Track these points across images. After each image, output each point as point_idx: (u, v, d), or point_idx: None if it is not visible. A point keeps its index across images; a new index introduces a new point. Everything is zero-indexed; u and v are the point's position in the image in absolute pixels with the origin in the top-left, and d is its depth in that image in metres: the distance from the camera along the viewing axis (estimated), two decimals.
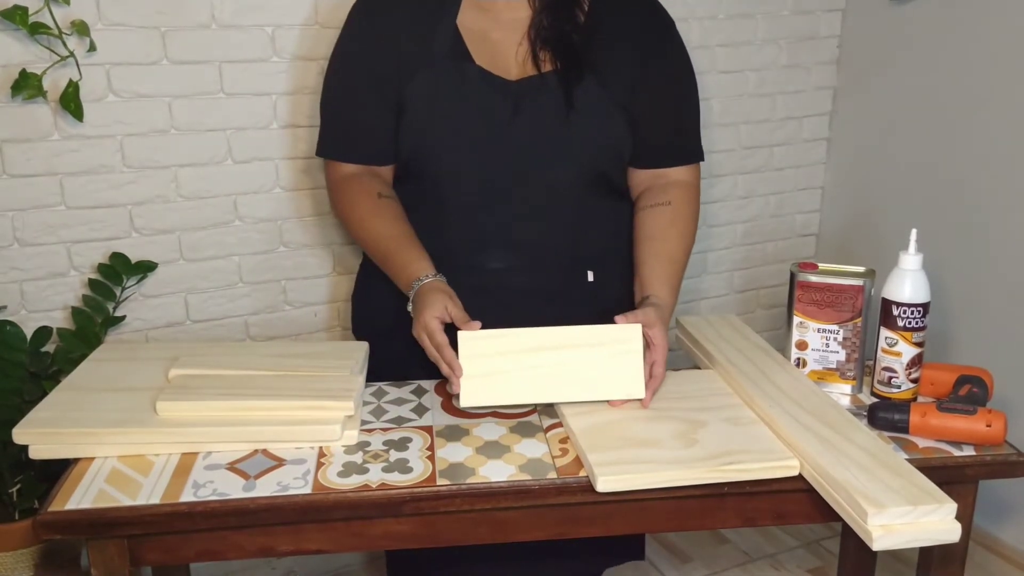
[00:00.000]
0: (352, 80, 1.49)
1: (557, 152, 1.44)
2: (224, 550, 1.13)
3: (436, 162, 1.44)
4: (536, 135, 1.43)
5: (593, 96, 1.44)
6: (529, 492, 1.12)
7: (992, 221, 1.94)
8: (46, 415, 1.18)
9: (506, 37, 1.46)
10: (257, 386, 1.23)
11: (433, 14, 1.45)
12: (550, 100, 1.43)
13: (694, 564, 2.05)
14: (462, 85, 1.43)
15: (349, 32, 1.51)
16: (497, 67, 1.44)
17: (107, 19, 1.62)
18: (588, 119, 1.44)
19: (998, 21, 1.87)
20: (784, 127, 2.27)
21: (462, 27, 1.46)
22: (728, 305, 2.34)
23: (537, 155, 1.43)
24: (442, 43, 1.44)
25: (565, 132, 1.43)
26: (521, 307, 1.44)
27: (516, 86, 1.43)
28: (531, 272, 1.46)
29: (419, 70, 1.43)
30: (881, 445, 1.16)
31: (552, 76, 1.43)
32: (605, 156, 1.48)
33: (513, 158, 1.43)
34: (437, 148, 1.44)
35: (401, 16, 1.46)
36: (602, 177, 1.49)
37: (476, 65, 1.44)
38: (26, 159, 1.63)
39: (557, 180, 1.45)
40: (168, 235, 1.76)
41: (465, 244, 1.46)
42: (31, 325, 1.68)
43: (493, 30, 1.46)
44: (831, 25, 2.24)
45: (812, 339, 1.37)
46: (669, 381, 1.35)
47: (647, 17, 1.52)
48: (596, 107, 1.44)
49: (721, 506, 1.19)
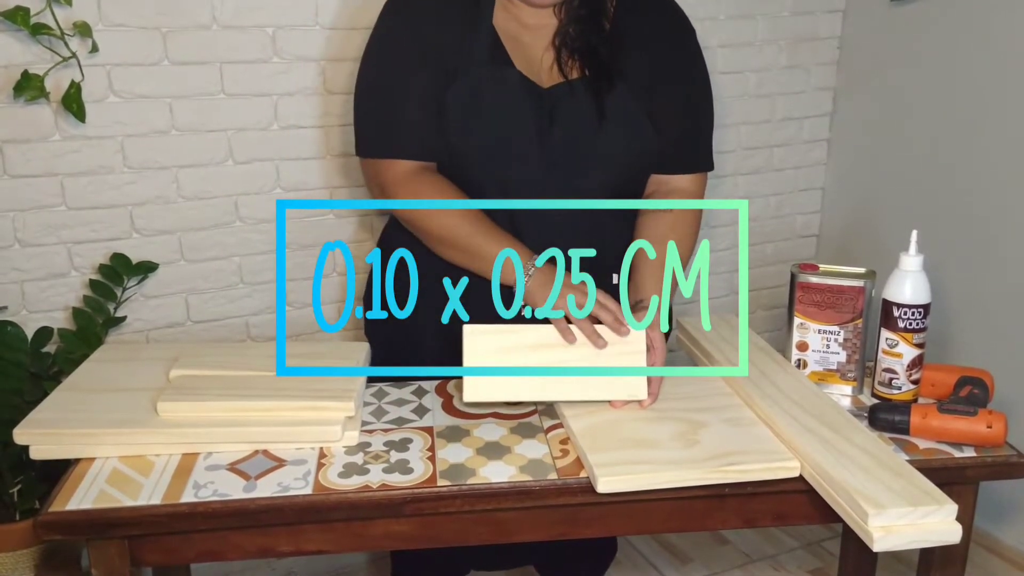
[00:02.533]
0: (394, 77, 1.43)
1: (590, 160, 1.42)
2: (224, 551, 1.13)
3: (477, 167, 1.42)
4: (570, 142, 1.42)
5: (623, 104, 1.42)
6: (529, 493, 1.12)
7: (992, 222, 1.94)
8: (47, 415, 1.18)
9: (535, 43, 1.44)
10: (258, 386, 1.23)
11: (468, 12, 1.42)
12: (581, 108, 1.41)
13: (694, 565, 2.05)
14: (504, 90, 1.40)
15: (386, 29, 1.45)
16: (532, 73, 1.43)
17: (108, 20, 1.62)
18: (620, 127, 1.42)
19: (998, 22, 1.87)
20: (784, 128, 2.27)
21: (498, 28, 1.43)
22: (728, 306, 2.34)
23: (571, 162, 1.42)
24: (481, 45, 1.41)
25: (598, 140, 1.41)
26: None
27: (549, 93, 1.42)
28: None
29: (460, 71, 1.40)
30: (882, 446, 1.16)
31: (580, 84, 1.42)
32: (637, 164, 1.47)
33: (548, 165, 1.41)
34: (478, 153, 1.41)
35: (437, 15, 1.42)
36: (630, 185, 1.49)
37: (516, 70, 1.41)
38: (27, 160, 1.63)
39: (589, 187, 1.43)
40: (169, 236, 1.76)
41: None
42: (32, 325, 1.68)
43: (523, 32, 1.44)
44: (831, 26, 2.24)
45: (813, 340, 1.37)
46: (669, 382, 1.35)
47: (668, 23, 1.50)
48: (627, 115, 1.43)
49: (721, 507, 1.19)
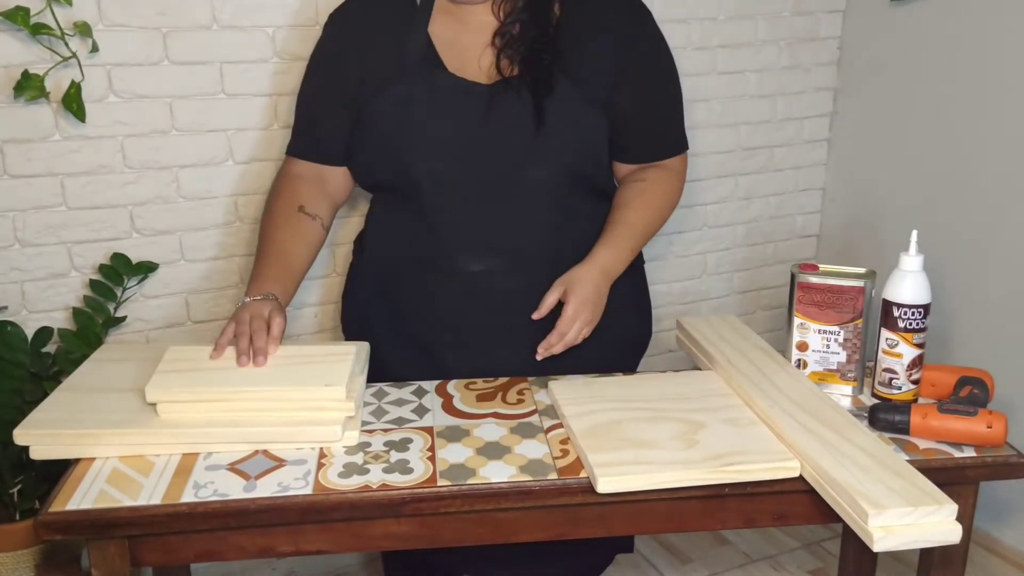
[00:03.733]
0: (314, 84, 1.54)
1: (530, 154, 1.44)
2: (224, 551, 1.13)
3: (412, 169, 1.45)
4: (509, 138, 1.43)
5: (565, 97, 1.43)
6: (529, 493, 1.13)
7: (992, 222, 1.94)
8: (47, 416, 1.18)
9: (475, 41, 1.46)
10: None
11: (406, 22, 1.47)
12: (521, 103, 1.43)
13: (694, 565, 2.05)
14: (435, 92, 1.44)
15: (323, 36, 1.54)
16: (468, 72, 1.45)
17: (108, 20, 1.62)
18: (561, 121, 1.43)
19: (998, 22, 1.87)
20: (784, 128, 2.27)
21: (434, 35, 1.47)
22: (729, 306, 2.34)
23: (511, 158, 1.44)
24: (414, 52, 1.45)
25: (537, 134, 1.43)
26: (504, 308, 1.46)
27: (487, 90, 1.44)
28: (514, 273, 1.47)
29: (391, 80, 1.44)
30: (882, 446, 1.16)
31: (520, 82, 1.43)
32: (579, 156, 1.48)
33: (488, 161, 1.44)
34: (412, 155, 1.44)
35: (373, 24, 1.48)
36: (579, 177, 1.49)
37: (448, 72, 1.45)
38: (27, 160, 1.63)
39: (533, 182, 1.45)
40: (169, 236, 1.76)
41: (447, 248, 1.47)
42: (32, 326, 1.68)
43: (463, 34, 1.47)
44: (831, 26, 2.24)
45: (813, 340, 1.37)
46: (669, 382, 1.35)
47: (623, 9, 1.49)
48: (569, 108, 1.44)
49: (721, 507, 1.19)
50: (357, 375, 1.26)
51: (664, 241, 2.19)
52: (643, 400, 1.29)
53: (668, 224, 2.14)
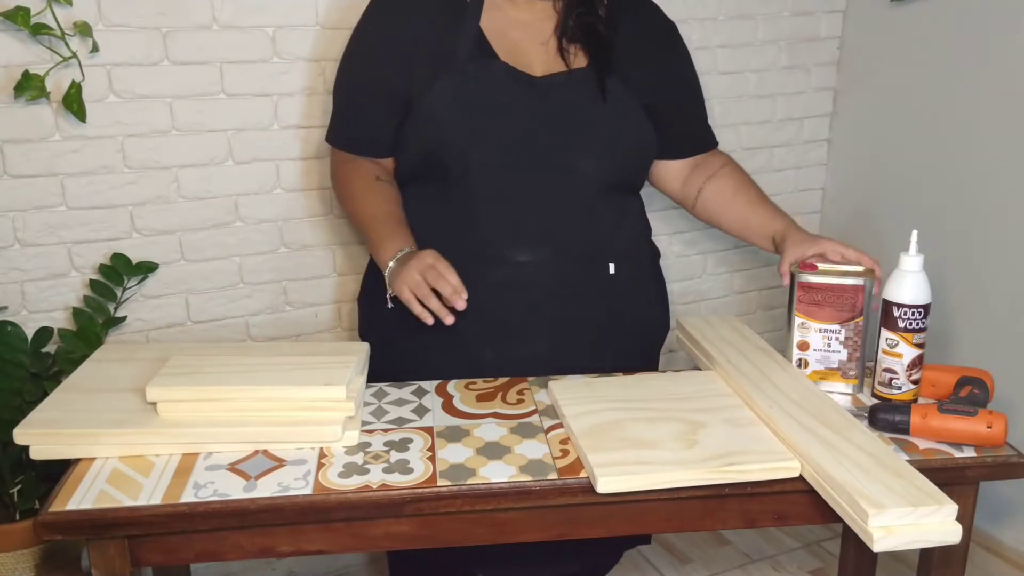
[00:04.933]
0: (360, 76, 1.52)
1: (585, 146, 1.47)
2: (225, 551, 1.13)
3: (464, 159, 1.44)
4: (564, 129, 1.46)
5: (618, 94, 1.48)
6: (530, 493, 1.13)
7: (992, 222, 1.94)
8: (47, 416, 1.18)
9: (525, 36, 1.49)
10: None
11: (455, 16, 1.47)
12: (578, 95, 1.46)
13: (694, 565, 2.05)
14: (489, 82, 1.45)
15: (365, 26, 1.52)
16: (520, 64, 1.47)
17: (108, 20, 1.62)
18: (616, 115, 1.48)
19: (998, 22, 1.87)
20: (784, 128, 2.27)
21: (485, 28, 1.47)
22: (729, 306, 2.34)
23: (565, 149, 1.46)
24: (465, 45, 1.45)
25: (594, 127, 1.46)
26: (546, 300, 1.46)
27: (542, 81, 1.46)
28: (559, 264, 1.47)
29: (442, 73, 1.44)
30: (882, 446, 1.16)
31: (579, 73, 1.47)
32: (633, 151, 1.53)
33: (541, 152, 1.45)
34: (464, 144, 1.44)
35: (421, 17, 1.47)
36: (625, 173, 1.54)
37: (501, 61, 1.45)
38: (27, 160, 1.63)
39: (583, 174, 1.47)
40: (169, 236, 1.76)
41: (495, 238, 1.47)
42: (32, 326, 1.68)
43: (512, 29, 1.49)
44: (831, 26, 2.24)
45: (814, 339, 1.37)
46: (669, 382, 1.35)
47: (656, 19, 1.60)
48: (622, 104, 1.49)
49: (722, 507, 1.19)
50: (357, 375, 1.26)
51: (664, 241, 2.19)
52: (643, 400, 1.29)
53: (668, 224, 2.17)
